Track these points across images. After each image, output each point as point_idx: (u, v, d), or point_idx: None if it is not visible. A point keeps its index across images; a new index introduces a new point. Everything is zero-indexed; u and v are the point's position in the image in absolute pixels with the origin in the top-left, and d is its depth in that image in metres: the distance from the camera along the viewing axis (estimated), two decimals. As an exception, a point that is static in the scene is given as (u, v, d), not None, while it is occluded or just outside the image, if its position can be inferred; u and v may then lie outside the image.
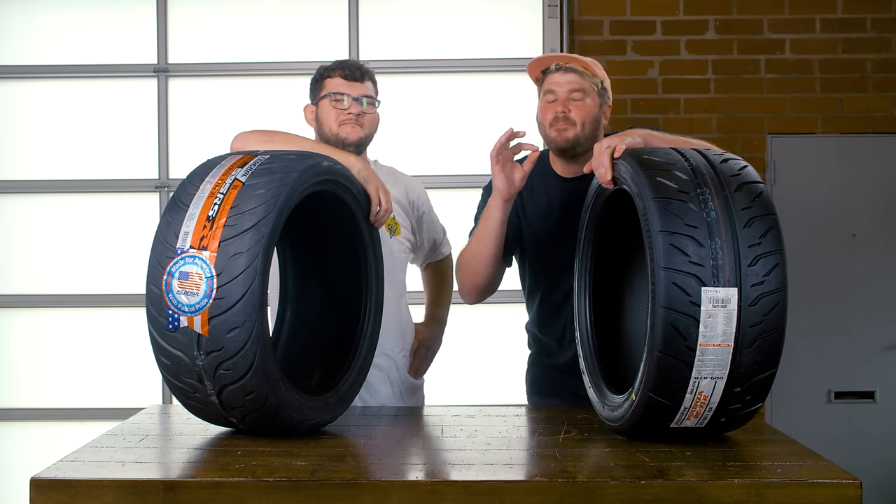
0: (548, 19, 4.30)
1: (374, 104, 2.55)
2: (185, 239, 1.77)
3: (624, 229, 2.15)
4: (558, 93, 2.41)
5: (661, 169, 1.83)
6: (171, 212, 1.84)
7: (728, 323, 1.71)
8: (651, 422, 1.84)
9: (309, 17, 4.39)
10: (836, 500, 1.60)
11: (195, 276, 1.75)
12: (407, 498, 1.61)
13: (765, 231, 1.77)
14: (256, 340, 1.74)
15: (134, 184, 4.36)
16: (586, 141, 2.40)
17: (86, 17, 4.41)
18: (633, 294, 2.27)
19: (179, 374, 1.81)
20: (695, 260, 1.71)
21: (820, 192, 4.32)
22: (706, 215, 1.75)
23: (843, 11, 4.32)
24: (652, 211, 1.76)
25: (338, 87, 2.51)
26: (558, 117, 2.40)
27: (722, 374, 1.74)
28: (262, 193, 1.79)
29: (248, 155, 1.94)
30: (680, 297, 1.70)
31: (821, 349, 4.29)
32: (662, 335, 1.71)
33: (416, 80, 4.39)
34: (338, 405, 2.07)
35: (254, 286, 1.73)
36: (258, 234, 1.75)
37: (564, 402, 2.47)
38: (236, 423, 1.88)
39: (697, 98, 4.32)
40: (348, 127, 2.49)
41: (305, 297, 2.35)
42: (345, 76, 2.52)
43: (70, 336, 4.41)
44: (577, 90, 2.40)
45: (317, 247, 2.32)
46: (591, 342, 2.22)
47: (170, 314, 1.76)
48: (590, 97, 2.41)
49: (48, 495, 1.63)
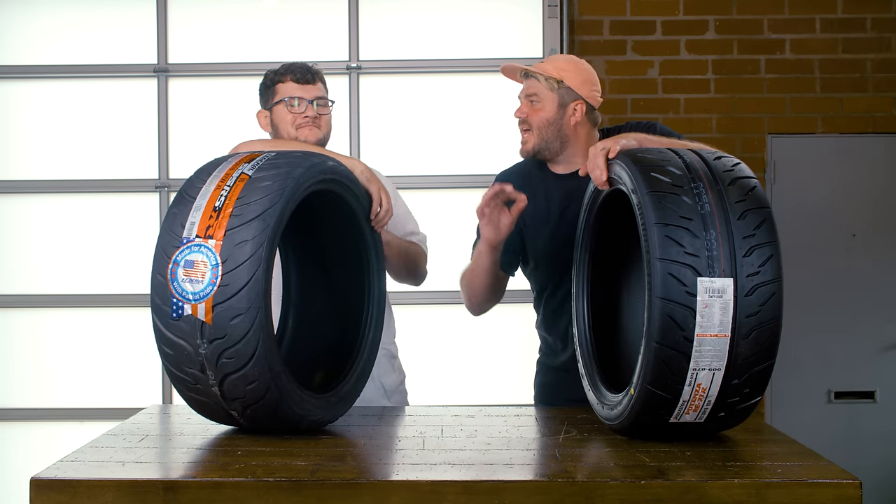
0: (548, 19, 4.30)
1: (327, 105, 2.58)
2: (192, 229, 1.80)
3: (621, 231, 2.16)
4: (520, 99, 2.46)
5: (656, 165, 1.84)
6: (177, 204, 1.87)
7: (724, 313, 1.72)
8: (650, 417, 1.84)
9: (309, 17, 4.39)
10: (836, 500, 1.60)
11: (200, 264, 1.77)
12: (407, 498, 1.61)
13: (759, 223, 1.78)
14: (260, 328, 1.76)
15: (134, 184, 4.36)
16: (551, 143, 2.43)
17: (86, 17, 4.41)
18: (630, 294, 2.28)
19: (182, 364, 1.82)
20: (690, 251, 1.72)
21: (820, 192, 4.32)
22: (700, 208, 1.77)
23: (843, 11, 4.32)
24: (647, 205, 1.77)
25: (291, 92, 2.54)
26: (519, 122, 2.46)
27: (720, 365, 1.74)
28: (268, 185, 1.83)
29: (254, 153, 1.98)
30: (676, 288, 1.71)
31: (821, 349, 4.29)
32: (660, 326, 1.72)
33: (415, 80, 4.40)
34: (339, 405, 2.08)
35: (258, 273, 1.76)
36: (263, 223, 1.78)
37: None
38: (237, 416, 1.88)
39: (697, 98, 4.32)
40: (306, 129, 2.52)
41: (308, 298, 2.36)
42: (297, 80, 2.55)
43: (70, 336, 4.41)
44: (531, 95, 2.43)
45: (319, 248, 2.32)
46: (588, 343, 2.23)
47: (174, 302, 1.78)
48: (546, 100, 2.42)
49: (48, 495, 1.63)
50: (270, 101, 2.58)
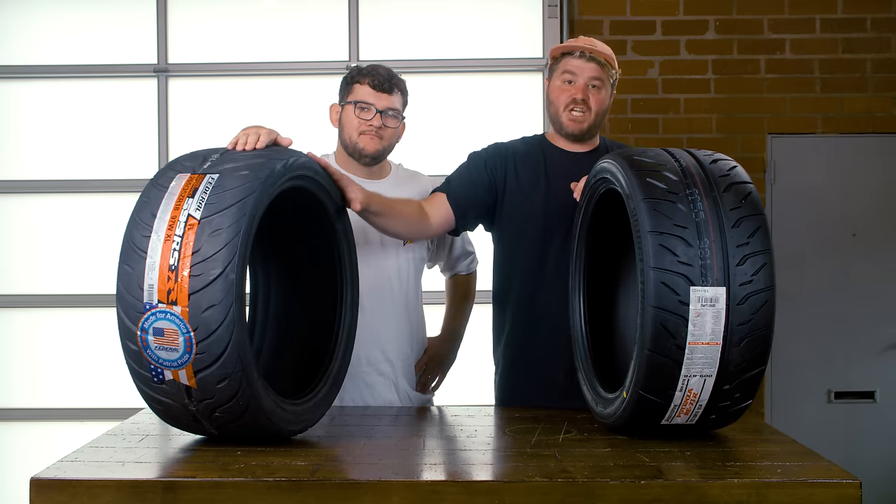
0: (548, 19, 4.30)
1: (398, 118, 2.51)
2: (152, 292, 1.69)
3: (618, 228, 2.16)
4: (578, 78, 2.45)
5: (651, 170, 1.84)
6: (128, 259, 1.74)
7: (717, 322, 1.73)
8: (642, 419, 1.85)
9: (309, 17, 4.39)
10: (836, 500, 1.60)
11: (171, 332, 1.68)
12: (407, 498, 1.61)
13: (753, 231, 1.78)
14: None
15: (134, 184, 4.36)
16: (594, 129, 2.50)
17: (86, 17, 4.41)
18: (626, 290, 2.29)
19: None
20: (683, 260, 1.73)
21: (820, 192, 4.32)
22: (695, 216, 1.77)
23: (843, 11, 4.32)
24: (641, 211, 1.77)
25: (364, 96, 2.47)
26: (577, 100, 2.45)
27: (711, 371, 1.75)
28: (222, 233, 1.67)
29: (194, 175, 1.78)
30: (669, 297, 1.72)
31: (821, 349, 4.29)
32: (652, 334, 1.73)
33: (415, 81, 4.37)
34: (312, 411, 2.00)
35: (234, 338, 1.67)
36: (227, 283, 1.65)
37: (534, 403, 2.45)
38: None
39: (697, 98, 4.32)
40: (367, 138, 2.48)
41: (276, 298, 2.29)
42: (373, 85, 2.47)
43: (70, 336, 4.41)
44: (596, 79, 2.46)
45: (284, 243, 2.24)
46: (584, 339, 2.23)
47: (152, 369, 1.73)
48: (605, 89, 2.48)
49: (48, 495, 1.63)
50: (345, 98, 2.52)
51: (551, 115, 2.52)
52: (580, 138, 2.50)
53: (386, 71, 2.52)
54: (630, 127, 4.28)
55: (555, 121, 2.51)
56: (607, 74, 2.47)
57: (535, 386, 2.45)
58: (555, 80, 2.50)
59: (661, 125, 4.30)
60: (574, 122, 2.46)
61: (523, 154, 2.52)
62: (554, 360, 2.42)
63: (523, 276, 2.48)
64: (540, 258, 2.45)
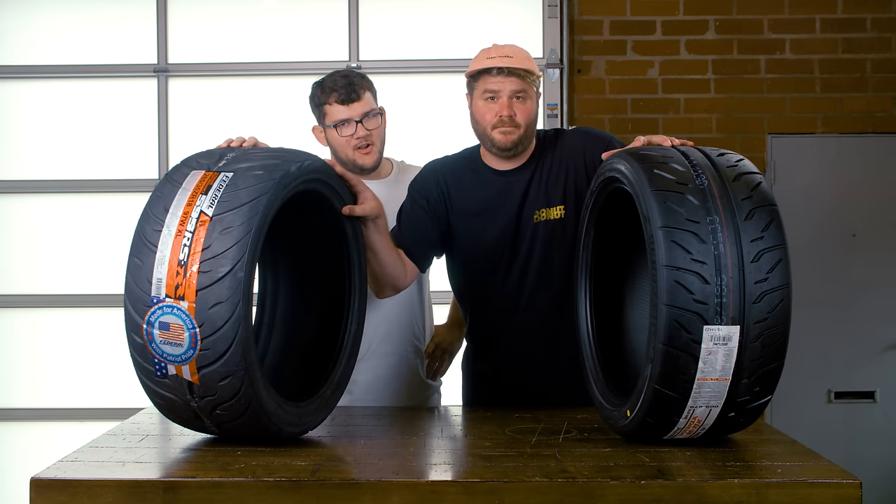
0: (548, 19, 4.30)
1: (376, 117, 2.53)
2: (160, 286, 1.69)
3: (624, 227, 2.15)
4: (501, 94, 2.39)
5: (659, 163, 1.84)
6: (138, 252, 1.74)
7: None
8: (655, 420, 1.83)
9: (309, 17, 4.39)
10: (836, 500, 1.60)
11: (176, 326, 1.68)
12: (407, 498, 1.61)
13: (767, 224, 1.79)
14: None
15: (134, 184, 4.36)
16: (526, 140, 2.43)
17: (86, 17, 4.41)
18: (633, 292, 2.27)
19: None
20: (697, 257, 1.72)
21: (820, 192, 4.32)
22: (707, 213, 1.76)
23: (843, 11, 4.32)
24: (651, 206, 1.76)
25: (338, 115, 2.49)
26: (503, 120, 2.38)
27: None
28: (233, 231, 1.68)
29: (208, 173, 1.79)
30: (683, 295, 1.71)
31: (821, 349, 4.29)
32: (667, 331, 1.72)
33: (415, 80, 4.40)
34: (316, 413, 2.00)
35: (238, 337, 1.67)
36: (235, 281, 1.66)
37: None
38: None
39: (697, 98, 4.32)
40: (361, 153, 2.52)
41: (284, 300, 2.29)
42: (341, 101, 2.48)
43: (70, 336, 4.42)
44: (519, 91, 2.39)
45: (295, 246, 2.24)
46: (591, 341, 2.22)
47: (156, 363, 1.74)
48: (530, 98, 2.41)
49: (48, 495, 1.63)
50: (322, 122, 2.56)
51: (479, 134, 2.45)
52: (513, 152, 2.43)
53: (344, 79, 2.51)
54: (630, 127, 4.27)
55: (484, 138, 2.44)
56: (529, 83, 2.39)
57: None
58: (476, 100, 2.43)
59: (661, 125, 4.30)
60: (504, 136, 2.39)
61: (456, 180, 2.47)
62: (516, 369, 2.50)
63: (473, 299, 2.53)
64: (485, 283, 2.47)
